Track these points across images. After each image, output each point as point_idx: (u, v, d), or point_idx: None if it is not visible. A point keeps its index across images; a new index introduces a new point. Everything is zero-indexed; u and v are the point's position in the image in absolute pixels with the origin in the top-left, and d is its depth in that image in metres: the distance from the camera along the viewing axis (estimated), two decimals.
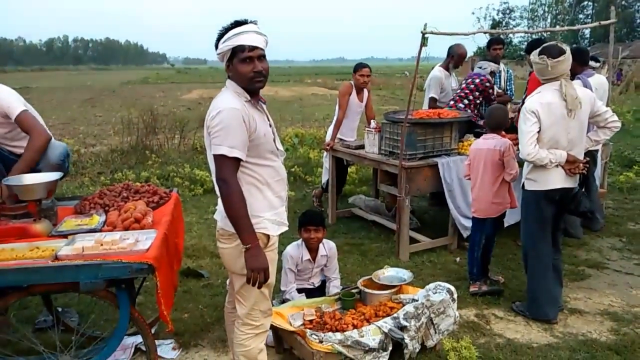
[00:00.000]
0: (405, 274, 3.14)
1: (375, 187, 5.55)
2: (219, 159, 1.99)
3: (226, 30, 2.04)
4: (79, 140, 10.07)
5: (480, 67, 4.91)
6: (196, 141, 8.68)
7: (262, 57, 2.05)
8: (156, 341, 2.82)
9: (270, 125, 2.21)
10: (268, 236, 2.16)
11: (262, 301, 2.20)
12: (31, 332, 2.96)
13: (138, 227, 2.37)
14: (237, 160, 2.00)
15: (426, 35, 3.72)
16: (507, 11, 45.62)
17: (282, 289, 3.24)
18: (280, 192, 2.22)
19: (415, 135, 4.16)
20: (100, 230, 2.34)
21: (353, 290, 3.10)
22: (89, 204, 2.73)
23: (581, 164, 3.05)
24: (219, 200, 2.07)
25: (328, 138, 5.29)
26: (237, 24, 2.04)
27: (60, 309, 3.22)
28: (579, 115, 3.00)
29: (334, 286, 3.29)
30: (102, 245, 2.08)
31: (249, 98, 2.08)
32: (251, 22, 2.06)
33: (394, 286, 3.03)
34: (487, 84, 4.81)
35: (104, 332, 2.90)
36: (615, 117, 3.21)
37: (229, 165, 1.99)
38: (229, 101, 2.02)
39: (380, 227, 5.03)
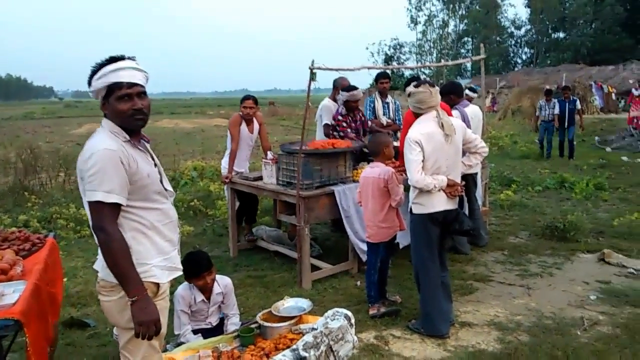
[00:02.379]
0: (305, 304, 3.15)
1: (276, 217, 5.55)
2: (95, 205, 1.85)
3: (100, 66, 1.93)
4: None
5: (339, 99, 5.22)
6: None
7: (142, 94, 1.96)
8: None
9: (156, 165, 2.10)
10: (158, 284, 2.02)
11: (152, 355, 2.04)
12: None
13: (4, 279, 2.13)
14: (117, 206, 1.88)
15: (314, 71, 3.87)
16: (398, 46, 49.24)
17: (176, 332, 3.07)
18: (171, 236, 2.09)
19: (311, 165, 4.25)
20: None
21: (252, 325, 3.03)
22: None
23: (459, 187, 3.32)
24: (99, 250, 1.91)
25: (224, 171, 5.23)
26: (113, 59, 1.94)
27: None
28: (455, 141, 3.28)
29: (232, 323, 3.19)
30: None
31: (127, 138, 1.97)
32: (129, 58, 1.98)
33: (293, 317, 3.01)
34: (340, 118, 5.12)
35: None
36: (483, 144, 3.56)
37: (106, 212, 1.86)
38: (103, 142, 1.90)
39: (283, 257, 5.02)
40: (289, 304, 3.16)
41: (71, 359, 3.13)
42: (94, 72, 1.95)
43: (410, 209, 3.39)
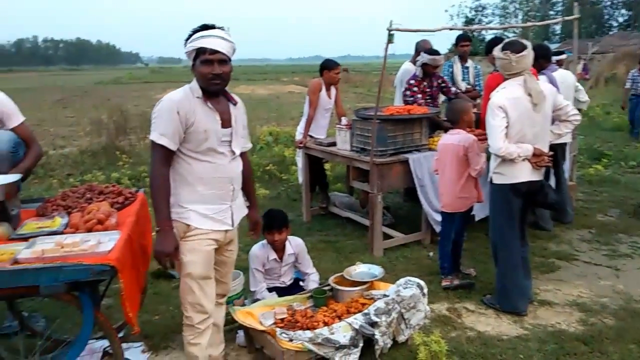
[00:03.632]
0: (377, 270, 3.15)
1: (348, 184, 5.56)
2: (151, 144, 2.17)
3: (194, 32, 2.17)
4: (49, 142, 9.82)
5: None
6: None
7: (222, 61, 2.17)
8: (125, 344, 2.79)
9: (229, 127, 2.26)
10: (189, 226, 2.22)
11: (188, 293, 2.28)
12: None
13: (101, 229, 2.30)
14: (166, 149, 2.13)
15: (392, 32, 3.73)
16: (480, 8, 46.13)
17: (252, 289, 3.21)
18: (219, 190, 2.27)
19: (385, 131, 4.17)
20: (62, 233, 2.27)
21: (325, 288, 3.09)
22: (51, 206, 2.64)
23: (546, 157, 3.11)
24: None
25: (298, 136, 5.27)
26: (204, 27, 2.17)
27: (26, 314, 3.13)
28: (543, 109, 3.05)
29: (313, 280, 3.29)
30: (62, 247, 2.01)
31: (199, 95, 2.18)
32: (219, 27, 2.18)
33: (365, 282, 3.03)
34: (412, 82, 4.89)
35: (70, 336, 2.83)
36: (576, 111, 3.28)
37: (156, 151, 2.15)
38: (172, 94, 2.18)
39: (354, 223, 5.04)
40: (361, 270, 3.18)
41: (158, 306, 3.39)
42: (189, 37, 2.18)
43: (491, 179, 3.24)
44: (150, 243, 2.87)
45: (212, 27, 2.17)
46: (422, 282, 2.87)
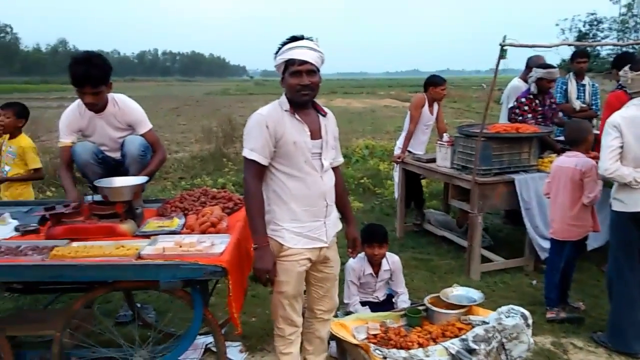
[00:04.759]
0: (476, 294, 3.02)
1: (445, 202, 5.41)
2: (244, 160, 2.21)
3: (283, 44, 2.19)
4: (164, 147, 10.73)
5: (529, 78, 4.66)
6: None
7: (311, 71, 2.14)
8: (225, 343, 2.95)
9: (319, 138, 2.25)
10: (282, 245, 2.22)
11: (280, 308, 2.31)
12: (112, 326, 3.18)
13: (214, 231, 2.48)
14: (257, 163, 2.16)
15: (505, 48, 3.59)
16: (595, 22, 42.45)
17: (345, 301, 3.23)
18: (311, 207, 2.24)
19: (490, 150, 4.01)
20: (180, 233, 2.48)
21: (419, 307, 3.03)
22: (170, 207, 2.90)
23: None
24: None
25: (397, 151, 5.24)
26: (293, 39, 2.18)
27: (139, 305, 3.43)
28: None
29: (402, 301, 3.24)
30: (181, 246, 2.20)
31: (287, 108, 2.20)
32: (307, 38, 2.19)
33: (463, 306, 2.92)
34: (523, 99, 4.58)
35: (178, 330, 3.05)
36: None
37: (248, 167, 2.18)
38: (262, 109, 2.22)
39: (450, 243, 4.89)
40: (458, 292, 3.07)
41: (255, 309, 3.55)
42: (278, 50, 2.20)
43: (610, 205, 2.98)
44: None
45: (301, 38, 2.16)
46: (526, 312, 2.70)
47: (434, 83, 5.01)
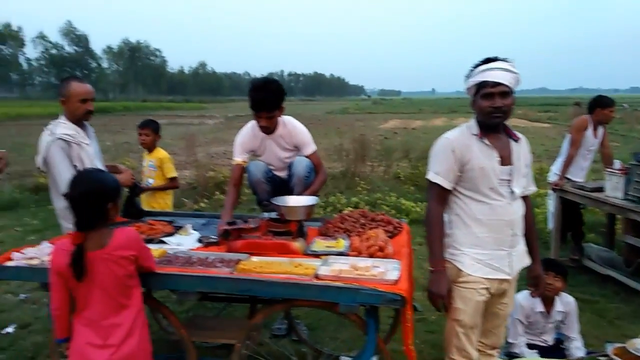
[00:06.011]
0: None
1: (609, 236, 4.82)
2: (427, 182, 2.21)
3: (476, 66, 2.12)
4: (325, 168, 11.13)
5: None
6: (399, 170, 8.85)
7: (505, 93, 2.06)
8: None
9: (509, 164, 2.14)
10: (461, 271, 2.16)
11: (455, 337, 2.23)
12: (269, 338, 3.29)
13: (381, 256, 2.43)
14: (441, 187, 2.14)
15: None
16: None
17: (510, 341, 2.98)
18: (496, 234, 2.14)
19: None
20: (347, 255, 2.48)
21: (601, 358, 2.68)
22: (332, 227, 2.93)
23: None
24: None
25: (553, 177, 4.81)
26: (487, 60, 2.10)
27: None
28: None
29: (576, 347, 2.90)
30: (356, 270, 2.19)
31: (477, 132, 2.14)
32: (502, 59, 2.09)
33: None
34: None
35: (327, 349, 3.05)
36: None
37: (431, 189, 2.19)
38: (448, 133, 2.20)
39: (616, 283, 4.31)
40: None
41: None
42: (470, 72, 2.14)
43: None
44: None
45: (495, 59, 2.09)
46: None
47: (602, 104, 4.53)
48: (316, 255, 2.49)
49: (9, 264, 2.26)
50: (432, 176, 2.17)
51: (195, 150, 8.54)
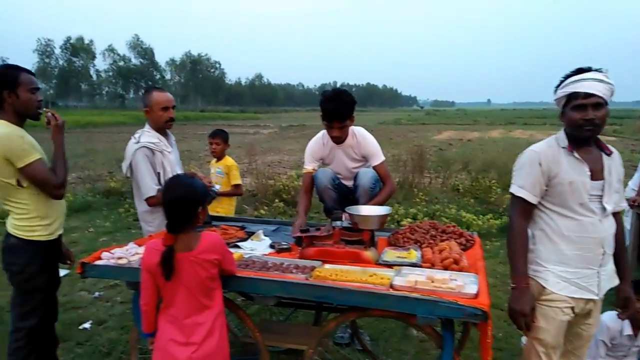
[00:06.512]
0: None
1: None
2: (511, 195, 2.16)
3: (566, 77, 2.05)
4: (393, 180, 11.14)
5: None
6: (458, 182, 8.65)
7: (597, 105, 1.98)
8: None
9: (600, 179, 2.05)
10: (544, 288, 2.10)
11: (535, 357, 2.15)
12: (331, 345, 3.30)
13: (456, 269, 2.37)
14: (525, 201, 2.09)
15: None
16: None
17: None
18: (585, 251, 2.05)
19: None
20: (420, 266, 2.44)
21: None
22: (401, 237, 2.90)
23: None
24: None
25: (630, 192, 4.52)
26: (579, 71, 2.02)
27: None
28: None
29: None
30: (433, 282, 2.15)
31: (566, 144, 2.07)
32: (596, 70, 2.01)
33: None
34: None
35: None
36: None
37: (515, 203, 2.14)
38: (535, 145, 2.14)
39: None
40: None
41: (472, 352, 3.33)
42: (560, 82, 2.07)
43: None
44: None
45: (588, 69, 2.02)
46: None
47: None
48: (388, 265, 2.47)
49: (99, 262, 2.40)
50: (516, 189, 2.12)
51: (254, 159, 8.75)
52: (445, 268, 2.40)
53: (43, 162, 2.46)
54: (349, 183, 3.26)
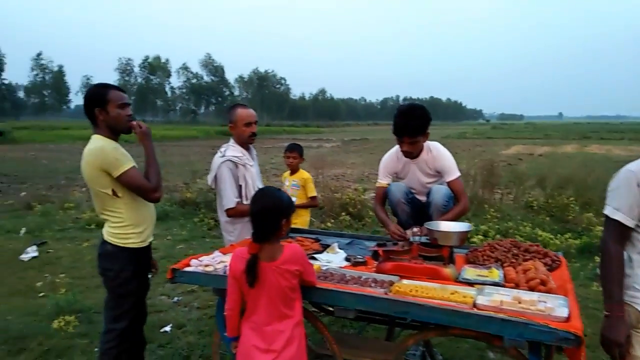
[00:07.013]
0: None
1: None
2: (605, 217, 2.06)
3: None
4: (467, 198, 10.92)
5: None
6: (531, 199, 8.27)
7: None
8: None
9: None
10: None
11: None
12: None
13: (544, 290, 2.27)
14: (621, 224, 1.99)
15: None
16: None
17: None
18: None
19: None
20: (503, 286, 2.36)
21: None
22: (481, 255, 2.82)
23: None
24: None
25: None
26: None
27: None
28: None
29: None
30: (519, 302, 2.07)
31: None
32: None
33: None
34: None
35: None
36: None
37: (609, 226, 2.04)
38: (632, 164, 2.04)
39: None
40: None
41: None
42: None
43: None
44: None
45: None
46: None
47: None
48: (469, 283, 2.41)
49: (188, 269, 2.53)
50: (610, 212, 2.02)
51: (321, 172, 8.85)
52: (532, 289, 2.30)
53: (137, 169, 2.62)
54: (423, 198, 3.23)
